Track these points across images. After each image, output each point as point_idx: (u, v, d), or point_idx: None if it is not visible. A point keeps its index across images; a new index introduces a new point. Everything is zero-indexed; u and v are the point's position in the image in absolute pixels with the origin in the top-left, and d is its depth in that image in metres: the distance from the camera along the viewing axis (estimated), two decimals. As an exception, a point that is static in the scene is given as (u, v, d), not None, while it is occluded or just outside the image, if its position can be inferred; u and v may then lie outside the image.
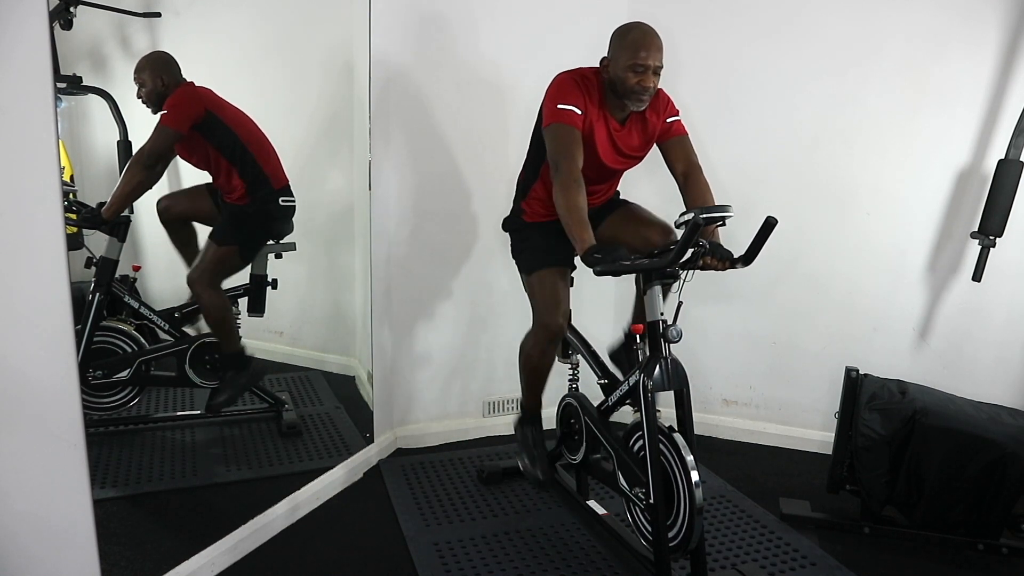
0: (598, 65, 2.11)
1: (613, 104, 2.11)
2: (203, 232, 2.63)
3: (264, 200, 2.59)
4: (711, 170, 2.21)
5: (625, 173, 2.33)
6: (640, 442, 1.97)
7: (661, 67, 2.03)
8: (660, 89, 2.15)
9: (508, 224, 2.41)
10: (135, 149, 2.46)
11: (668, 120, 2.17)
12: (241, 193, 2.55)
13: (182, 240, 2.66)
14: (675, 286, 1.98)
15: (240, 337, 2.69)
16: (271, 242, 2.69)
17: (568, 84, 2.08)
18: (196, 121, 2.42)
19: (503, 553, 2.17)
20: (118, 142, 2.49)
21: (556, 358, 2.37)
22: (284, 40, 2.86)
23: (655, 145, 2.22)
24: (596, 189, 2.25)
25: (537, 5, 2.83)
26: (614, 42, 2.07)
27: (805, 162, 2.88)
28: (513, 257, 2.39)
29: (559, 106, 2.04)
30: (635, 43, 2.00)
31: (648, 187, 2.74)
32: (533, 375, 2.34)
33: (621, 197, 2.43)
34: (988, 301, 2.76)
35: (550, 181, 2.06)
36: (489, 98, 2.84)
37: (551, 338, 2.24)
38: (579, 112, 2.04)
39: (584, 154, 2.05)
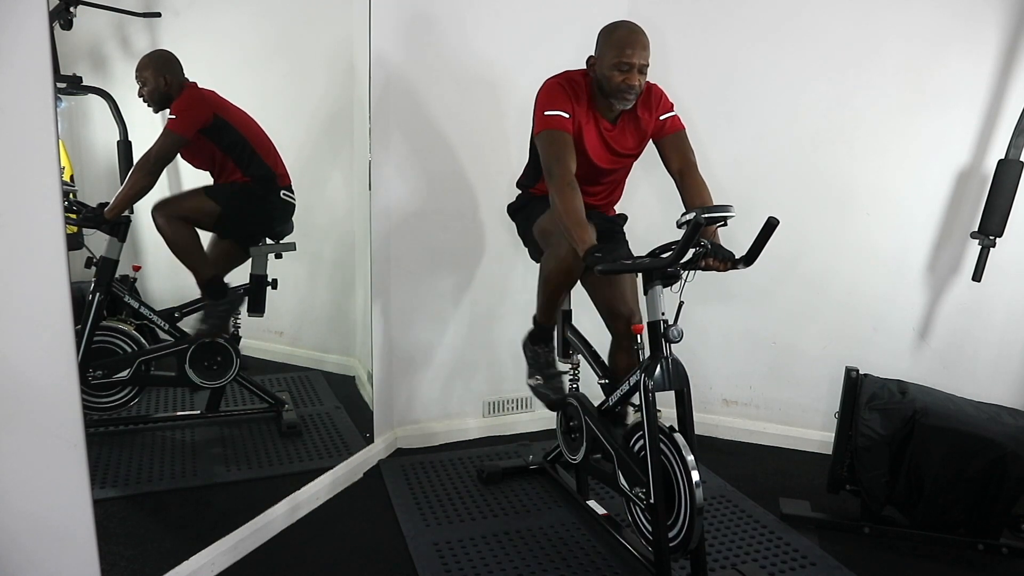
0: (585, 65, 2.11)
1: (602, 104, 2.11)
2: (205, 238, 2.62)
3: (267, 188, 2.59)
4: (710, 170, 2.21)
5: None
6: (640, 442, 1.97)
7: (647, 65, 2.03)
8: (654, 85, 2.15)
9: (514, 204, 2.40)
10: (135, 149, 2.46)
11: (662, 117, 2.16)
12: (247, 181, 2.57)
13: (182, 246, 2.65)
14: (676, 286, 1.98)
15: (211, 263, 2.64)
16: (271, 242, 2.69)
17: (555, 89, 2.09)
18: (204, 126, 2.43)
19: (503, 553, 2.17)
20: (118, 142, 2.49)
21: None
22: (284, 40, 2.86)
23: (651, 142, 2.22)
24: (594, 190, 2.25)
25: (537, 4, 2.83)
26: (600, 40, 2.08)
27: (805, 162, 2.88)
28: (520, 231, 2.37)
29: (547, 113, 2.05)
30: (620, 41, 2.01)
31: (647, 187, 2.75)
32: (555, 290, 2.21)
33: (625, 221, 2.41)
34: (988, 301, 2.76)
35: None
36: (489, 98, 2.84)
37: (575, 256, 2.02)
38: (567, 116, 2.05)
39: (576, 156, 2.05)
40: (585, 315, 2.43)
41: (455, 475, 2.69)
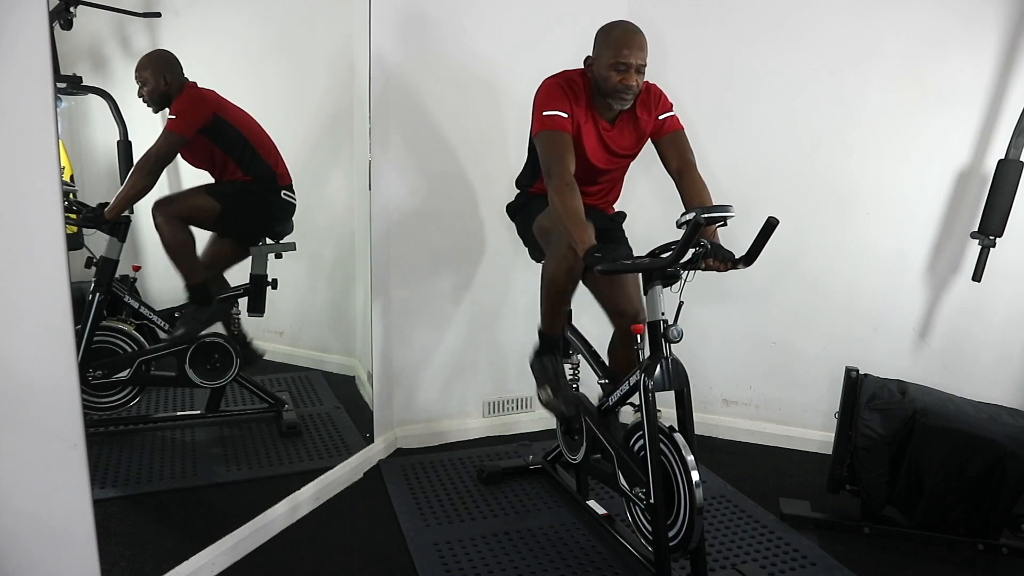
0: (583, 65, 2.11)
1: (601, 104, 2.10)
2: (201, 237, 2.61)
3: (268, 187, 2.60)
4: (710, 171, 2.21)
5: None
6: (640, 442, 1.97)
7: (644, 65, 2.03)
8: (653, 85, 2.15)
9: (513, 203, 2.40)
10: (135, 149, 2.46)
11: (661, 116, 2.16)
12: (248, 180, 2.57)
13: (176, 248, 2.60)
14: (676, 286, 1.98)
15: (202, 270, 2.62)
16: (271, 241, 2.69)
17: (553, 89, 2.09)
18: (204, 125, 2.43)
19: (503, 553, 2.17)
20: (118, 142, 2.49)
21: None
22: (284, 40, 2.86)
23: (650, 142, 2.21)
24: (592, 189, 2.25)
25: (536, 4, 2.83)
26: (598, 40, 2.08)
27: (805, 162, 2.88)
28: (520, 231, 2.36)
29: (545, 113, 2.05)
30: (617, 41, 2.01)
31: (645, 186, 2.75)
32: (558, 295, 2.19)
33: (625, 218, 2.41)
34: (988, 301, 2.76)
35: None
36: (489, 97, 2.84)
37: (576, 255, 2.02)
38: (566, 116, 2.05)
39: (575, 156, 2.05)
40: (585, 315, 2.44)
41: (455, 475, 2.69)
